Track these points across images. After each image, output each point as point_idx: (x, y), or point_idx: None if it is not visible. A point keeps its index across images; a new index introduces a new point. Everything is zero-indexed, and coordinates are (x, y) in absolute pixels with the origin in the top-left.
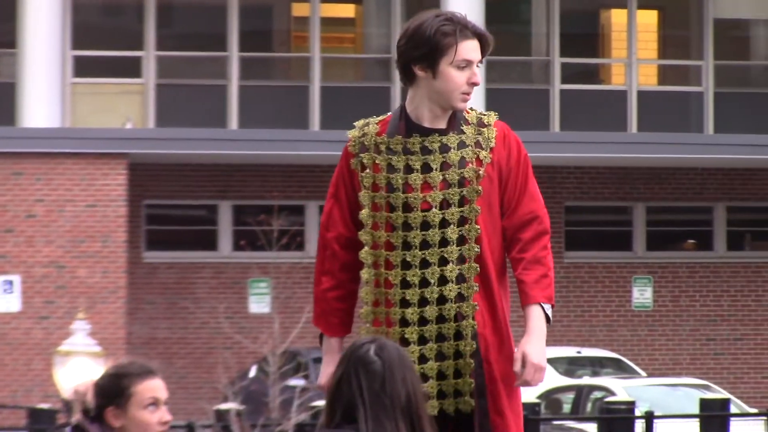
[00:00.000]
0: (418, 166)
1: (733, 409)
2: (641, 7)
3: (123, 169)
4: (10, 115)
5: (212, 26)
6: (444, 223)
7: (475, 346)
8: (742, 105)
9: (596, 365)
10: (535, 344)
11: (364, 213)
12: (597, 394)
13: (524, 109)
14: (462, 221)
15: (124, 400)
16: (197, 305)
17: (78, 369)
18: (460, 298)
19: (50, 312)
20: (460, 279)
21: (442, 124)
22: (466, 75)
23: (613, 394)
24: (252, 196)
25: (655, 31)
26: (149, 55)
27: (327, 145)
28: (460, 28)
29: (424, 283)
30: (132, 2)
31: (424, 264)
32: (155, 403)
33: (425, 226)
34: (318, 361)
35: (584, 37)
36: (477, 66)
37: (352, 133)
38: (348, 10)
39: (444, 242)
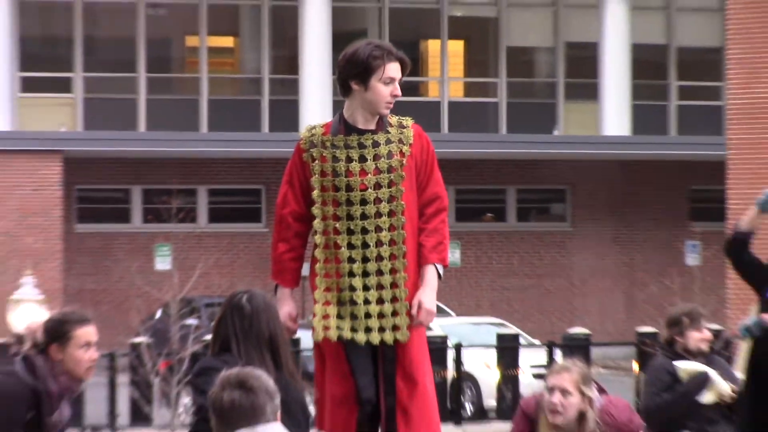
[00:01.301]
0: (356, 157)
1: (523, 342)
2: (451, 38)
3: (59, 162)
4: None
5: (125, 54)
6: (377, 200)
7: (407, 292)
8: (521, 112)
9: None
10: (428, 294)
11: (315, 193)
12: None
13: None
14: (390, 199)
15: (65, 341)
16: (116, 264)
17: (26, 313)
18: (393, 257)
19: (5, 270)
20: (392, 242)
21: (373, 126)
22: (390, 89)
23: (430, 329)
24: (157, 182)
25: (462, 56)
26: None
27: (214, 144)
28: (387, 53)
29: (365, 245)
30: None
31: (364, 231)
32: (88, 344)
33: (363, 202)
34: (207, 306)
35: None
36: (398, 82)
37: (303, 134)
38: (228, 42)
39: (378, 214)
